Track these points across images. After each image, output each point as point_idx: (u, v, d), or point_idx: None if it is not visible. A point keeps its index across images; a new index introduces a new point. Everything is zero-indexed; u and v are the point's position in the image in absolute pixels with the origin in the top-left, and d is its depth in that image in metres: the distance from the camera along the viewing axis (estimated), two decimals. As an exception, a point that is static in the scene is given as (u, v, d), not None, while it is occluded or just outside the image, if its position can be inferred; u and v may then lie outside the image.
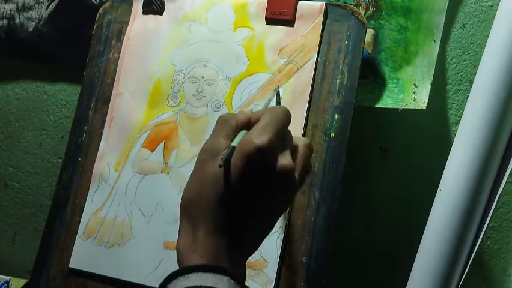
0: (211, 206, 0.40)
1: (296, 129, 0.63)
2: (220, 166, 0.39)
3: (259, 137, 0.40)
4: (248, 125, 0.43)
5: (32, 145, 0.90)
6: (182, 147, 0.67)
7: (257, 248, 0.44)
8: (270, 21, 0.68)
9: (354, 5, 0.70)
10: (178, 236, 0.42)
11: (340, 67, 0.64)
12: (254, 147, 0.39)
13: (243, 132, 0.43)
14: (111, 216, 0.67)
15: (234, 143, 0.41)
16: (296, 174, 0.42)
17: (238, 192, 0.40)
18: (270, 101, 0.54)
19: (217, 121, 0.44)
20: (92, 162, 0.70)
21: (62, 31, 0.84)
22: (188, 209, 0.42)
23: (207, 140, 0.43)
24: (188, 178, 0.43)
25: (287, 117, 0.43)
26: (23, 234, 0.91)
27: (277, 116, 0.42)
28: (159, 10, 0.73)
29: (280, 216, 0.44)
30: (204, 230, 0.40)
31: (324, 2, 0.66)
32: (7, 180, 0.91)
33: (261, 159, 0.40)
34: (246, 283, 0.59)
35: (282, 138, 0.42)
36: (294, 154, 0.43)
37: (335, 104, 0.63)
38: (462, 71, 0.73)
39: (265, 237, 0.44)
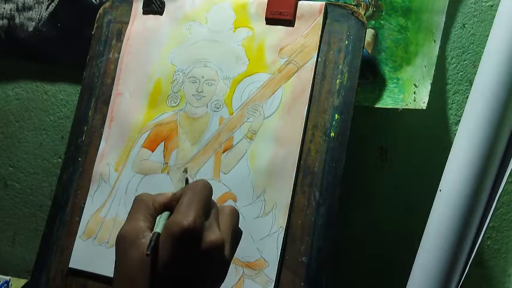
0: None
1: (296, 129, 0.63)
2: (147, 255, 0.38)
3: (185, 217, 0.39)
4: (169, 206, 0.42)
5: (32, 145, 0.90)
6: (182, 147, 0.67)
7: None
8: (270, 21, 0.68)
9: (354, 5, 0.70)
10: None
11: (340, 67, 0.64)
12: (182, 228, 0.38)
13: (166, 214, 0.41)
14: (111, 216, 0.67)
15: (158, 228, 0.39)
16: (226, 246, 0.41)
17: (170, 276, 0.39)
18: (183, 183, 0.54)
19: (134, 201, 0.42)
20: (92, 162, 0.70)
21: (62, 31, 0.84)
22: None
23: (124, 224, 0.41)
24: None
25: (209, 190, 0.43)
26: (23, 234, 0.91)
27: (199, 191, 0.41)
28: (159, 10, 0.73)
29: None
30: None
31: (324, 2, 0.66)
32: (7, 180, 0.91)
33: (190, 239, 0.39)
34: (246, 283, 0.58)
35: (207, 212, 0.41)
36: (220, 224, 0.42)
37: (335, 104, 0.63)
38: (462, 71, 0.73)
39: None
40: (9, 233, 0.92)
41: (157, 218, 0.42)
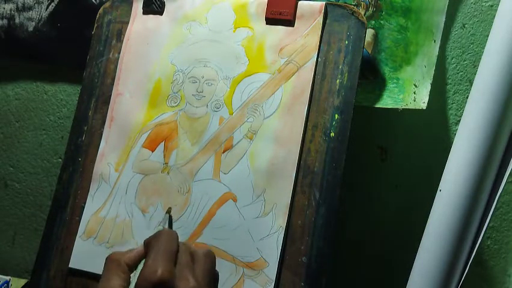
0: None
1: (296, 129, 0.63)
2: None
3: (153, 272, 0.39)
4: (141, 260, 0.43)
5: (32, 145, 0.90)
6: (182, 147, 0.67)
7: None
8: (270, 21, 0.68)
9: (354, 5, 0.70)
10: None
11: (340, 67, 0.64)
12: (152, 283, 0.39)
13: (140, 266, 0.42)
14: (111, 216, 0.67)
15: (132, 286, 0.40)
16: None
17: None
18: (163, 227, 0.52)
19: (106, 261, 0.43)
20: (92, 162, 0.70)
21: (62, 31, 0.84)
22: None
23: (98, 285, 0.41)
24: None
25: (173, 239, 0.43)
26: (23, 234, 0.91)
27: (163, 243, 0.42)
28: (159, 10, 0.73)
29: None
30: None
31: (324, 2, 0.66)
32: (7, 180, 0.91)
33: None
34: (246, 283, 0.59)
35: (174, 260, 0.41)
36: (195, 269, 0.42)
37: (335, 104, 0.63)
38: (462, 71, 0.73)
39: None
40: (9, 233, 0.92)
41: (131, 275, 0.42)
